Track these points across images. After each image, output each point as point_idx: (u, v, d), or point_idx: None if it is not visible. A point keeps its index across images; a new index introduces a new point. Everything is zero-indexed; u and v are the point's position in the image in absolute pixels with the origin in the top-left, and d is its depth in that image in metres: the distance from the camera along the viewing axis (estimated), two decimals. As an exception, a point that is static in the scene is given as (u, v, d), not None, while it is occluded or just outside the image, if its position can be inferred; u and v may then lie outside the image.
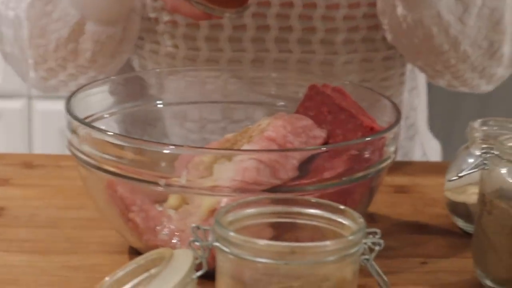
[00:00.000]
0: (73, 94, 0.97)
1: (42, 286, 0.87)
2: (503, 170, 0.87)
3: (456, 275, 0.93)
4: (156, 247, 0.85)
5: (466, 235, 1.00)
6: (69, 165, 0.92)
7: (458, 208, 1.03)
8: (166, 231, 0.88)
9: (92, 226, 1.00)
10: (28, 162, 1.18)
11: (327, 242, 0.69)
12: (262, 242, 0.68)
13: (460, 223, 1.03)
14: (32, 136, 2.41)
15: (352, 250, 0.69)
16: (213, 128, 1.33)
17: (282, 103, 1.17)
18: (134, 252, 0.91)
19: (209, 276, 0.73)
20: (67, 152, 0.93)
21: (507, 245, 0.87)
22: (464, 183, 0.99)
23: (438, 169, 1.17)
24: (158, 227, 0.89)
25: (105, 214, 0.95)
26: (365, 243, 0.71)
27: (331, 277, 0.69)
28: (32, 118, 2.40)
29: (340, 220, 0.73)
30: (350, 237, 0.69)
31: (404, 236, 1.02)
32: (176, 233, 0.88)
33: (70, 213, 1.04)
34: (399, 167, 1.20)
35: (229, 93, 1.27)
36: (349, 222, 0.72)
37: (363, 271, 0.73)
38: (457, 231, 1.03)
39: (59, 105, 1.03)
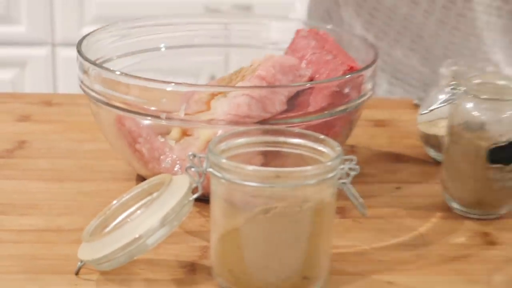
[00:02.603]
0: (84, 37, 0.96)
1: (58, 210, 0.87)
2: (469, 105, 0.88)
3: (427, 199, 0.94)
4: (160, 172, 0.87)
5: (437, 163, 1.00)
6: (83, 103, 0.92)
7: (430, 140, 1.03)
8: (168, 160, 0.90)
9: (103, 156, 1.00)
10: (48, 101, 1.17)
11: (308, 168, 0.71)
12: (250, 167, 0.70)
13: (432, 153, 1.04)
14: (56, 81, 2.40)
15: (330, 175, 0.70)
16: None
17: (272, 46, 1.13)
18: (141, 179, 0.91)
19: (204, 199, 0.75)
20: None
21: (471, 172, 0.88)
22: (435, 117, 0.98)
23: (413, 105, 1.18)
24: (161, 157, 0.90)
25: (115, 146, 0.95)
26: (342, 169, 0.72)
27: (311, 199, 0.70)
28: (56, 64, 2.39)
29: (320, 148, 0.75)
30: (328, 163, 0.71)
31: (380, 164, 1.03)
32: (177, 162, 0.89)
33: (84, 145, 1.04)
34: (379, 103, 1.20)
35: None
36: (328, 150, 0.74)
37: (343, 195, 0.74)
38: (429, 160, 1.04)
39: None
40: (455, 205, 0.91)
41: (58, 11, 2.35)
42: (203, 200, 0.75)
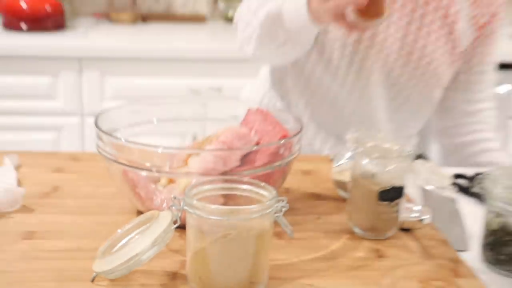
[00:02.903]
0: (100, 113, 0.96)
1: (80, 235, 0.87)
2: (365, 161, 0.89)
3: (338, 225, 0.94)
4: (152, 209, 0.87)
5: (344, 200, 0.99)
6: (100, 159, 0.92)
7: (340, 184, 1.03)
8: (158, 200, 0.90)
9: (113, 197, 0.99)
10: (76, 157, 1.17)
11: (253, 206, 0.72)
12: (213, 206, 0.72)
13: (341, 193, 1.03)
14: (84, 142, 2.38)
15: (268, 211, 0.72)
16: None
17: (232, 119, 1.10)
18: (139, 213, 0.91)
19: (182, 227, 0.75)
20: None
21: (367, 207, 0.90)
22: (343, 169, 1.01)
23: (329, 160, 1.16)
24: (153, 197, 0.90)
25: (121, 190, 0.95)
26: (277, 206, 0.73)
27: (255, 227, 0.72)
28: (84, 129, 2.38)
29: (262, 192, 0.76)
30: (267, 203, 0.72)
31: (306, 201, 1.02)
32: (164, 201, 0.89)
33: (100, 189, 1.02)
34: (306, 158, 1.19)
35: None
36: (267, 193, 0.75)
37: (278, 224, 0.76)
38: (340, 198, 1.03)
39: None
40: (356, 229, 0.91)
41: (85, 91, 2.34)
42: (181, 227, 0.76)
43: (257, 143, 0.96)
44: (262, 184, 0.76)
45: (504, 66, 2.51)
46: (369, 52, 1.29)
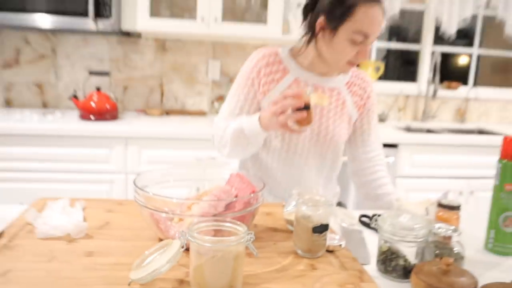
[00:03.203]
0: (137, 176, 0.95)
1: (122, 254, 0.86)
2: (304, 207, 0.88)
3: (287, 248, 0.92)
4: (168, 238, 0.86)
5: (291, 232, 0.96)
6: (136, 205, 0.91)
7: (289, 221, 1.01)
8: (172, 232, 0.88)
9: (144, 229, 0.97)
10: (121, 203, 1.15)
11: (232, 237, 0.72)
12: (207, 237, 0.72)
13: (290, 227, 1.02)
14: (127, 192, 2.36)
15: (242, 240, 0.72)
16: None
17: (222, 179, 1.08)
18: (159, 240, 0.89)
19: (187, 250, 0.75)
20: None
21: (305, 236, 0.88)
22: (291, 212, 0.99)
23: (282, 206, 1.15)
24: (169, 230, 0.89)
25: (149, 224, 0.92)
26: (248, 237, 0.73)
27: (234, 251, 0.72)
28: (127, 184, 2.36)
29: (238, 228, 0.75)
30: (241, 235, 0.72)
31: (267, 233, 1.00)
32: (176, 233, 0.87)
33: (136, 224, 1.01)
34: (267, 205, 1.18)
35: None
36: (242, 228, 0.75)
37: (248, 248, 0.76)
38: (289, 230, 1.01)
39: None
40: (299, 251, 0.90)
41: (129, 158, 2.33)
42: (187, 250, 0.75)
43: (236, 196, 0.95)
44: (238, 222, 0.76)
45: (388, 145, 2.56)
46: (295, 137, 1.29)
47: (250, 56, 1.29)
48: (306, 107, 1.05)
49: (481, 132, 3.16)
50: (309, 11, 1.19)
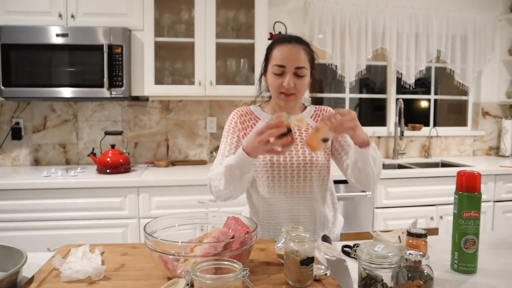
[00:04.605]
0: (147, 223, 0.94)
1: None
2: (292, 244, 0.88)
3: (280, 280, 0.91)
4: (176, 277, 0.86)
5: (282, 265, 0.93)
6: (146, 248, 0.91)
7: (280, 256, 1.00)
8: (179, 271, 0.87)
9: (154, 269, 0.96)
10: (134, 246, 1.13)
11: (230, 274, 0.72)
12: (208, 275, 0.71)
13: (281, 261, 0.98)
14: (140, 236, 2.32)
15: (239, 276, 0.71)
16: None
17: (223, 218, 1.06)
18: (168, 279, 0.89)
19: (191, 286, 0.74)
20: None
21: (294, 268, 0.88)
22: (281, 247, 0.97)
23: (274, 242, 1.13)
24: (176, 270, 0.88)
25: (158, 265, 0.91)
26: (244, 273, 0.73)
27: (232, 286, 0.72)
28: (140, 228, 2.32)
29: (235, 265, 0.75)
30: (238, 271, 0.72)
31: (261, 267, 0.99)
32: (182, 272, 0.87)
33: (147, 265, 1.00)
34: (261, 242, 1.16)
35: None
36: (239, 265, 0.75)
37: (245, 283, 0.75)
38: (280, 264, 0.99)
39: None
40: (290, 282, 0.89)
41: (141, 205, 2.32)
42: (192, 286, 0.75)
43: (233, 237, 0.94)
44: (235, 261, 0.76)
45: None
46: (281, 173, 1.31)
47: (230, 115, 1.42)
48: (289, 131, 1.08)
49: (444, 164, 3.19)
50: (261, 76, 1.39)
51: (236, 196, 1.27)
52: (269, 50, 1.31)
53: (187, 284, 0.75)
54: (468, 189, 0.99)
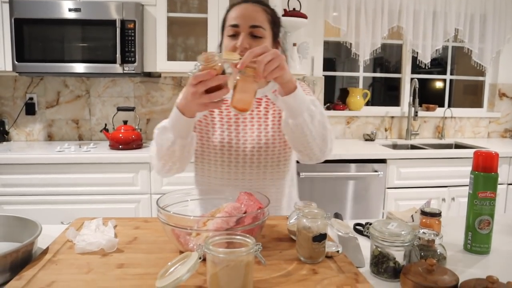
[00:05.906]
0: (159, 197, 0.94)
1: (148, 265, 0.85)
2: (304, 220, 0.88)
3: (291, 256, 0.91)
4: (187, 250, 0.86)
5: (294, 241, 0.94)
6: (159, 222, 0.91)
7: (292, 232, 0.99)
8: (191, 245, 0.87)
9: (166, 243, 0.97)
10: (146, 220, 1.14)
11: (242, 248, 0.71)
12: (221, 249, 0.71)
13: (293, 237, 0.99)
14: (152, 211, 2.35)
15: (251, 251, 0.71)
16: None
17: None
18: (180, 252, 0.89)
19: (204, 260, 0.75)
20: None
21: (306, 244, 0.87)
22: (293, 224, 0.98)
23: (286, 218, 1.12)
24: (188, 244, 0.88)
25: (171, 239, 0.91)
26: (256, 248, 0.73)
27: (244, 259, 0.71)
28: (152, 204, 2.34)
29: (248, 240, 0.74)
30: (250, 246, 0.72)
31: (273, 243, 0.98)
32: (194, 246, 0.87)
33: (160, 239, 1.00)
34: (273, 218, 1.15)
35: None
36: (251, 240, 0.74)
37: (257, 257, 0.75)
38: (292, 240, 0.99)
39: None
40: (302, 258, 0.89)
41: (152, 180, 2.34)
42: (204, 260, 0.75)
43: (245, 212, 0.94)
44: (248, 235, 0.76)
45: (378, 161, 2.55)
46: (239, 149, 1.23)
47: None
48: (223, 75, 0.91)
49: (457, 146, 3.14)
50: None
51: (175, 169, 1.15)
52: (226, 13, 1.17)
53: (199, 258, 0.75)
54: (485, 169, 0.97)
